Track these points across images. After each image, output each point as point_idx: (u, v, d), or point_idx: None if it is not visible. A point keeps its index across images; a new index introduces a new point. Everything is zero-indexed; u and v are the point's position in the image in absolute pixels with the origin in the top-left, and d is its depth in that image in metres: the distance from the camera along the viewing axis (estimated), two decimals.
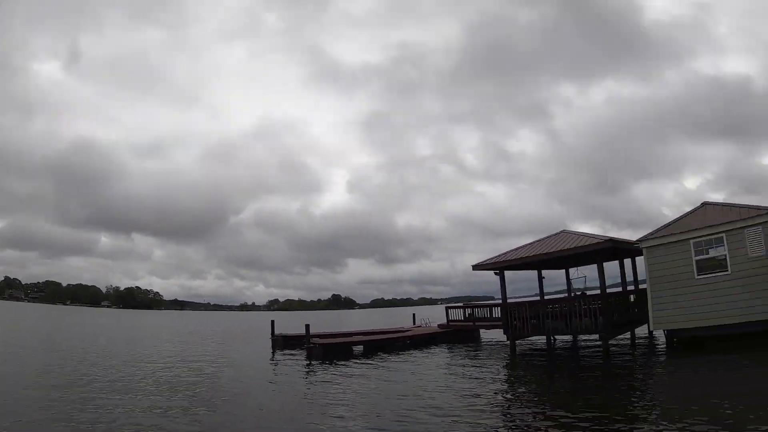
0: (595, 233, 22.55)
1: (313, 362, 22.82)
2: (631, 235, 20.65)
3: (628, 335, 22.66)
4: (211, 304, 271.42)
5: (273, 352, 28.46)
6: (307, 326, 27.06)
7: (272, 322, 34.40)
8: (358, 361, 22.65)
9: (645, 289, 20.13)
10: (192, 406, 12.81)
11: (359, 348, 26.76)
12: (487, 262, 23.71)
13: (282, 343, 31.51)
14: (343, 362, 22.08)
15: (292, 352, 27.85)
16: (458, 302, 53.40)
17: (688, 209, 20.83)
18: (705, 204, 20.52)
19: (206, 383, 17.02)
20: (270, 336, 32.92)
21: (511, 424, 10.38)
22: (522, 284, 30.02)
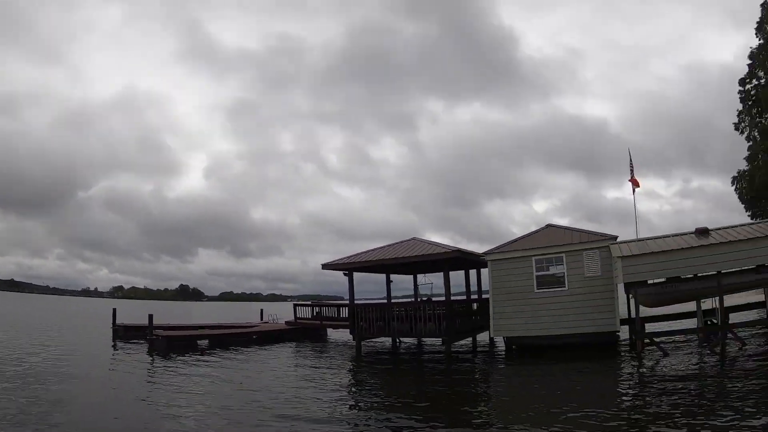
0: (445, 243, 23.57)
1: (155, 355, 21.94)
2: (478, 247, 22.21)
3: (470, 340, 24.03)
4: (51, 287, 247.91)
5: (114, 344, 27.05)
6: (150, 316, 25.97)
7: (114, 310, 32.64)
8: (202, 355, 22.04)
9: (488, 298, 21.49)
10: (8, 407, 11.47)
11: (204, 342, 26.10)
12: (337, 262, 23.88)
13: (123, 333, 30.20)
14: (186, 356, 21.41)
15: (135, 343, 26.54)
16: (308, 301, 53.18)
17: (534, 229, 22.58)
18: (549, 225, 22.61)
19: (31, 377, 15.60)
20: (111, 326, 31.20)
21: (349, 425, 10.47)
22: (370, 286, 30.60)
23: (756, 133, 51.32)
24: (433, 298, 25.27)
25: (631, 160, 23.79)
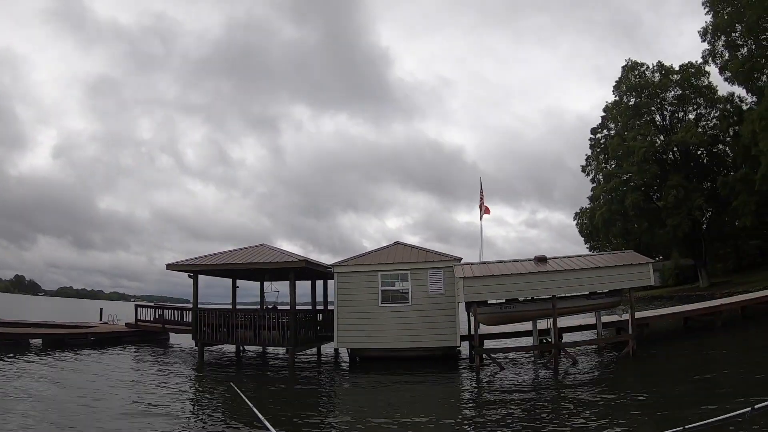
0: (297, 251, 23.30)
1: None
2: (330, 258, 22.20)
3: (315, 351, 23.87)
4: None
5: None
6: None
7: None
8: (34, 356, 20.51)
9: (333, 310, 21.36)
10: None
11: (37, 341, 24.35)
12: (183, 262, 22.67)
13: None
14: (17, 357, 19.78)
15: None
16: (153, 301, 50.40)
17: (384, 244, 22.86)
18: (397, 243, 23.20)
19: None
20: None
21: None
22: (221, 290, 29.46)
23: (600, 177, 56.29)
24: (279, 307, 24.79)
25: (482, 188, 24.96)
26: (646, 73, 54.72)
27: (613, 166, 54.83)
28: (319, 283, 26.18)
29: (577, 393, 13.22)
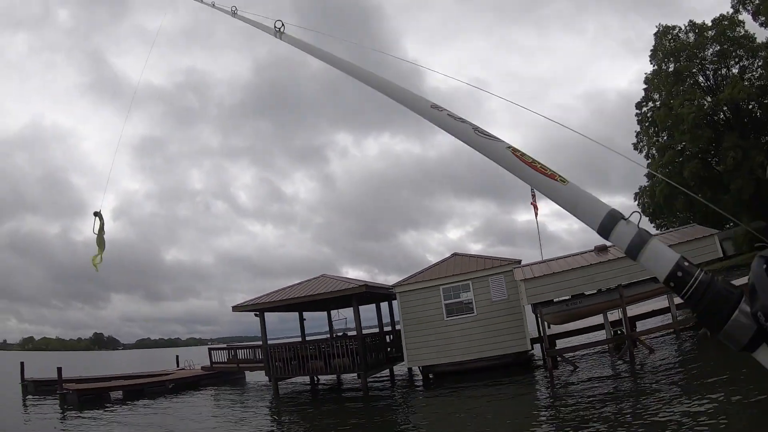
0: (359, 277, 23.49)
1: (66, 410, 20.75)
2: (396, 278, 22.16)
3: (387, 373, 23.76)
4: None
5: (23, 400, 25.39)
6: (59, 369, 24.79)
7: (21, 364, 30.37)
8: (116, 407, 21.15)
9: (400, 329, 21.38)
10: None
11: (118, 394, 24.87)
12: (247, 303, 23.22)
13: (34, 389, 28.20)
14: (100, 409, 20.42)
15: (46, 399, 24.89)
16: (229, 342, 51.48)
17: (447, 256, 22.90)
18: (455, 254, 23.02)
19: None
20: (20, 381, 29.16)
21: None
22: (293, 323, 29.82)
23: (654, 151, 54.31)
24: (348, 333, 24.94)
25: (532, 187, 24.53)
26: (680, 35, 52.69)
27: (664, 138, 52.98)
28: (384, 304, 26.37)
29: (655, 383, 12.86)
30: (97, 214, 5.97)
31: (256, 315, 23.24)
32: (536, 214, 24.64)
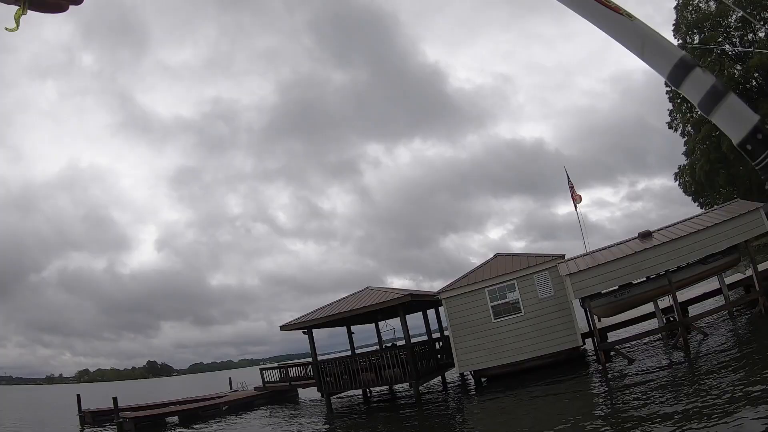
0: (404, 286, 23.51)
1: None
2: (441, 284, 22.18)
3: (439, 380, 23.63)
4: (14, 377, 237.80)
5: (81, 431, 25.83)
6: (115, 399, 25.50)
7: (78, 396, 31.02)
8: None
9: (448, 335, 21.26)
10: None
11: (174, 419, 25.37)
12: (295, 322, 23.39)
13: (91, 419, 28.74)
14: None
15: (104, 428, 25.64)
16: (281, 361, 52.05)
17: (491, 255, 22.82)
18: (497, 255, 22.81)
19: None
20: (77, 413, 29.77)
21: None
22: (342, 338, 30.01)
23: (689, 128, 53.00)
24: (397, 343, 24.92)
25: (568, 177, 24.22)
26: (701, 5, 51.67)
27: (698, 113, 51.81)
28: (431, 312, 26.41)
29: (713, 369, 12.49)
30: None
31: (304, 332, 23.43)
32: (576, 205, 24.14)
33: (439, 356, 23.36)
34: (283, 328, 23.51)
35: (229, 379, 40.76)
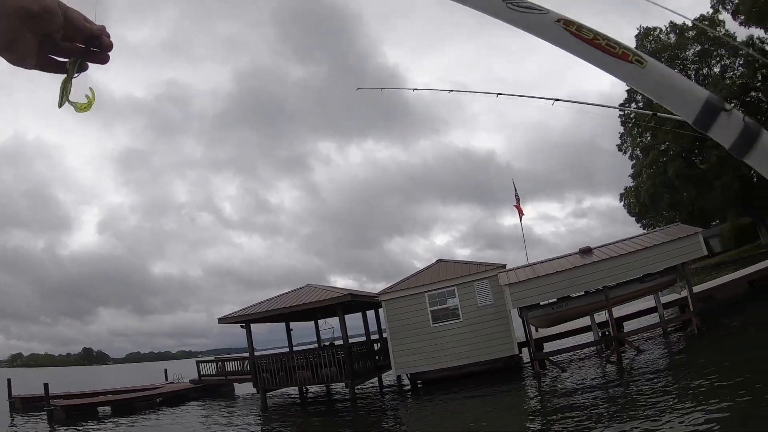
0: (347, 286, 23.39)
1: (55, 427, 20.67)
2: (385, 286, 22.05)
3: (376, 381, 23.64)
4: None
5: (11, 418, 25.11)
6: (46, 386, 24.49)
7: (8, 381, 29.89)
8: (104, 423, 21.05)
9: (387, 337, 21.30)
10: None
11: (106, 409, 24.71)
12: (233, 315, 23.05)
13: (21, 406, 27.82)
14: (87, 425, 20.25)
15: (34, 416, 24.63)
16: (221, 354, 51.22)
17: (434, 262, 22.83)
18: (439, 261, 23.05)
19: None
20: (7, 398, 28.77)
21: None
22: (282, 334, 29.67)
23: (638, 152, 54.72)
24: (336, 342, 24.81)
25: (516, 190, 24.60)
26: (661, 36, 53.46)
27: (648, 138, 53.45)
28: (370, 313, 26.33)
29: (640, 384, 12.88)
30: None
31: (242, 326, 23.06)
32: (521, 218, 24.54)
33: (376, 358, 23.32)
34: (221, 320, 23.12)
35: (165, 370, 39.88)
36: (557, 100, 13.36)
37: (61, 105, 1.05)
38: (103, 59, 1.10)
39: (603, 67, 1.31)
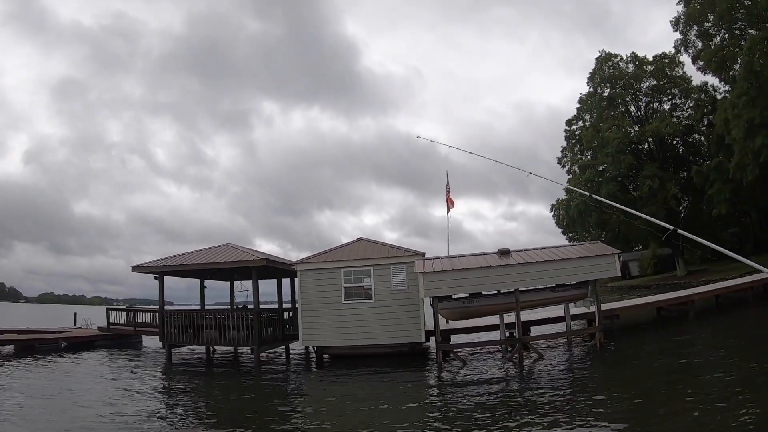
0: (271, 251, 23.31)
1: None
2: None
3: (283, 350, 23.77)
4: None
5: None
6: None
7: None
8: (3, 363, 20.71)
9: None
10: None
11: (9, 348, 24.45)
12: (147, 264, 22.75)
13: None
14: None
15: None
16: (134, 304, 50.05)
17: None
18: (360, 239, 23.32)
19: None
20: None
21: None
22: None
23: (576, 168, 56.36)
24: (249, 306, 24.69)
25: (448, 182, 25.03)
26: (620, 64, 55.08)
27: (588, 157, 55.10)
28: (286, 281, 26.21)
29: (532, 389, 13.28)
30: None
31: (156, 278, 22.71)
32: (449, 209, 24.99)
33: (286, 326, 23.37)
34: (135, 269, 22.76)
35: (75, 314, 38.85)
36: (530, 173, 16.26)
37: None
38: None
39: None
